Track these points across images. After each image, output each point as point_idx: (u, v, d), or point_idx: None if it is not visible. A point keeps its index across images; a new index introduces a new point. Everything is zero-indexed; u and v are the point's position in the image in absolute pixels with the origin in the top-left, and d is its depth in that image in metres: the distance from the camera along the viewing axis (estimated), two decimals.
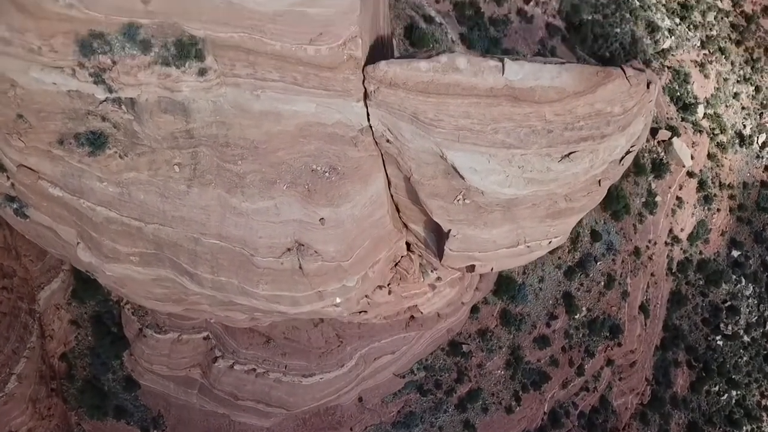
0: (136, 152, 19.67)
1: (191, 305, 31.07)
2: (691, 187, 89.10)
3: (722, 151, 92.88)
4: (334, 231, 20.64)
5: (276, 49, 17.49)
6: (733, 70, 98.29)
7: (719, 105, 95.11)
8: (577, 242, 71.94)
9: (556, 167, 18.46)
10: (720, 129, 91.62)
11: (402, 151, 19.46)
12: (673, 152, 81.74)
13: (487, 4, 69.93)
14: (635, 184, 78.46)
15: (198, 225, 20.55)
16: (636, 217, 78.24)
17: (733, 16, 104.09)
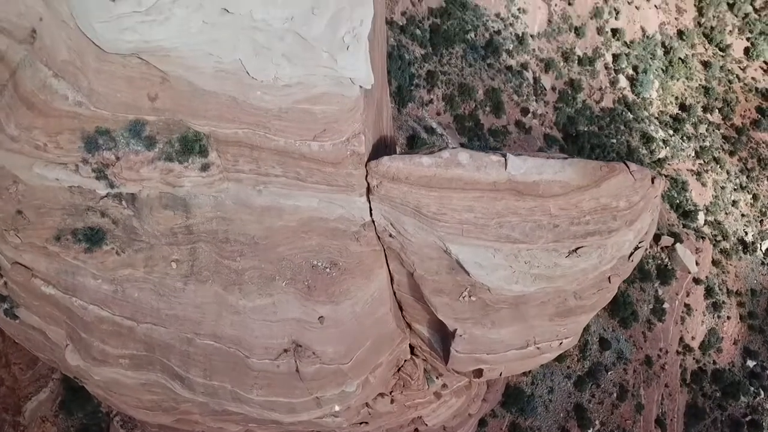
0: (134, 248, 19.30)
1: (182, 415, 29.40)
2: (699, 294, 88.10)
3: (726, 258, 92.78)
4: (333, 330, 19.82)
5: (280, 145, 17.62)
6: (729, 178, 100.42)
7: (719, 212, 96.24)
8: (586, 350, 69.98)
9: (564, 263, 17.98)
10: (722, 236, 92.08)
11: (405, 246, 19.07)
12: (678, 258, 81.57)
13: (486, 116, 72.54)
14: (641, 291, 77.61)
15: (192, 324, 19.77)
16: (645, 325, 76.67)
17: (724, 129, 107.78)
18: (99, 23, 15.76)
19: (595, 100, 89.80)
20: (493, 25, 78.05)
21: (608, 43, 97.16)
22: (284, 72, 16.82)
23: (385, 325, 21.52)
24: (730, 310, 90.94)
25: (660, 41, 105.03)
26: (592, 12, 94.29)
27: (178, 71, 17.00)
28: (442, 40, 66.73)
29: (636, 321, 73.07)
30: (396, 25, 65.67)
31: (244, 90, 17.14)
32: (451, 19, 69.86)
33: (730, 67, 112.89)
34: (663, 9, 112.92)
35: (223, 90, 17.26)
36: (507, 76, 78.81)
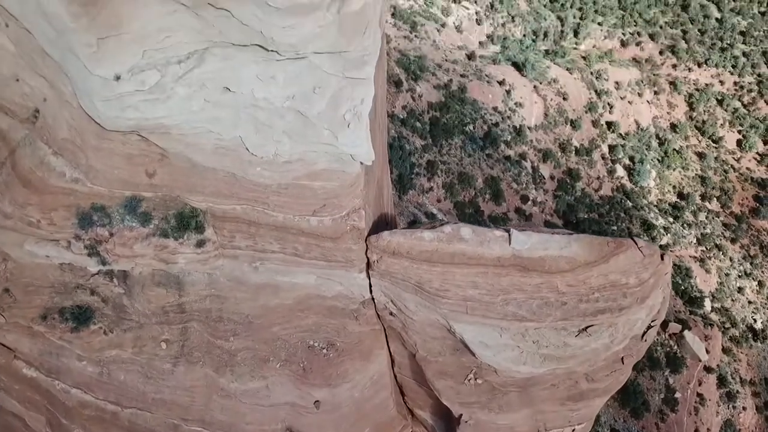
0: (122, 328, 18.37)
1: None
2: (711, 383, 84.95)
3: (737, 346, 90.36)
4: (330, 416, 18.45)
5: (278, 221, 17.13)
6: (733, 265, 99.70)
7: (725, 299, 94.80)
8: None
9: (574, 342, 16.92)
10: (731, 323, 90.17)
11: (406, 325, 18.08)
12: (687, 346, 79.27)
13: (486, 203, 72.87)
14: (651, 379, 74.78)
15: (180, 409, 18.46)
16: (657, 416, 73.26)
17: (724, 216, 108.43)
18: (101, 102, 15.71)
19: (593, 189, 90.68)
20: (491, 117, 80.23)
21: (604, 134, 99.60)
22: (284, 149, 16.59)
23: (385, 411, 20.08)
24: (745, 400, 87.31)
25: (654, 133, 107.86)
26: (586, 106, 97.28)
27: (178, 148, 16.78)
28: (442, 132, 68.39)
29: (648, 411, 69.74)
30: (397, 118, 67.38)
31: (243, 166, 16.85)
32: (450, 112, 71.97)
33: (724, 158, 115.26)
34: (655, 104, 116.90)
35: (222, 166, 16.97)
36: (506, 165, 79.98)
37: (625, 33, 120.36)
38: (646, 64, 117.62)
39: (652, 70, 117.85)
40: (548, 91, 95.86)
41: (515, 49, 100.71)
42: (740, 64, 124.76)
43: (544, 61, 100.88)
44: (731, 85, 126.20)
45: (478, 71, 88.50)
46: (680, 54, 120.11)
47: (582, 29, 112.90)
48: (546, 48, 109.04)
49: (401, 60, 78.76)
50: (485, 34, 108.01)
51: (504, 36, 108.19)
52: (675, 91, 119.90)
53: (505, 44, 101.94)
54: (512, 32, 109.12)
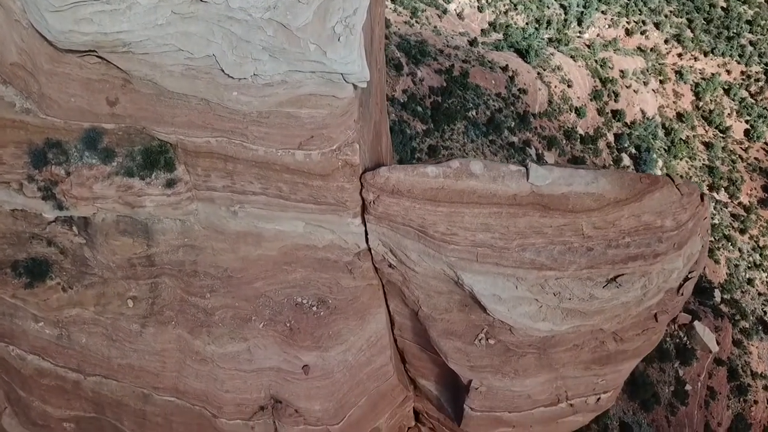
0: (83, 283, 16.17)
1: None
2: (722, 376, 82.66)
3: (747, 338, 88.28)
4: (320, 383, 16.18)
5: (259, 155, 14.85)
6: (742, 256, 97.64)
7: (735, 290, 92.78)
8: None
9: (601, 294, 14.61)
10: (740, 315, 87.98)
11: (407, 278, 15.78)
12: (697, 337, 76.86)
13: None
14: (661, 371, 72.46)
15: (150, 376, 16.23)
16: (667, 408, 70.93)
17: (732, 207, 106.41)
18: (52, 13, 13.48)
19: None
20: (494, 103, 78.29)
21: (609, 123, 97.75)
22: (265, 68, 14.29)
23: (384, 378, 17.77)
24: (757, 393, 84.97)
25: (660, 123, 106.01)
26: (591, 94, 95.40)
27: (143, 70, 14.54)
28: (444, 117, 66.49)
29: (658, 404, 67.52)
30: (397, 102, 65.40)
31: (218, 91, 14.60)
32: (452, 97, 70.10)
33: (732, 148, 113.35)
34: (660, 93, 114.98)
35: (193, 91, 14.72)
36: (509, 151, 77.83)
37: (629, 22, 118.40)
38: (651, 53, 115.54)
39: (658, 59, 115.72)
40: (552, 78, 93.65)
41: (518, 37, 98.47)
42: (747, 54, 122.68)
43: (548, 49, 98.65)
44: (738, 74, 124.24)
45: (481, 57, 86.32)
46: (686, 43, 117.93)
47: (586, 18, 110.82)
48: (549, 36, 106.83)
49: (401, 44, 76.57)
50: (487, 21, 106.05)
51: (506, 24, 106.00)
52: (681, 80, 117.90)
53: (508, 32, 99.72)
54: (515, 20, 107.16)
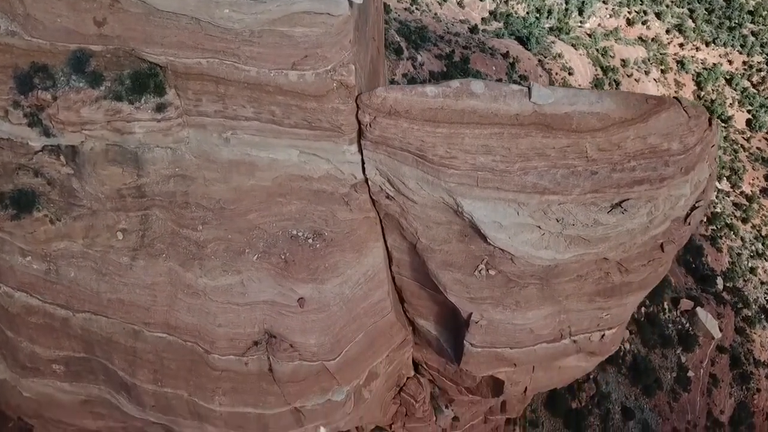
0: (72, 215, 15.67)
1: None
2: (724, 364, 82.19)
3: (750, 326, 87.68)
4: (316, 316, 15.67)
5: (251, 76, 14.37)
6: (745, 245, 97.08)
7: (737, 279, 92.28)
8: (608, 420, 63.63)
9: (606, 220, 14.09)
10: (743, 303, 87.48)
11: (406, 209, 15.28)
12: (699, 323, 76.33)
13: None
14: (663, 357, 71.99)
15: (140, 311, 15.73)
16: (669, 394, 70.48)
17: (734, 196, 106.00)
18: None
19: None
20: None
21: None
22: None
23: (381, 314, 17.26)
24: (759, 382, 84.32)
25: None
26: (592, 82, 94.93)
27: None
28: None
29: (660, 389, 67.00)
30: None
31: (209, 8, 14.15)
32: None
33: (734, 138, 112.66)
34: (662, 82, 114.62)
35: (183, 9, 14.26)
36: None
37: (630, 11, 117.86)
38: (652, 43, 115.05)
39: (659, 49, 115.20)
40: (553, 65, 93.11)
41: (518, 26, 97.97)
42: (749, 44, 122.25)
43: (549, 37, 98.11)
44: (740, 64, 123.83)
45: (481, 44, 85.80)
46: (687, 33, 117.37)
47: (587, 7, 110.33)
48: (550, 26, 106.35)
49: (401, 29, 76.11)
50: (488, 10, 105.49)
51: (507, 13, 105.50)
52: (682, 70, 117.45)
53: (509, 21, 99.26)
54: (515, 9, 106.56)
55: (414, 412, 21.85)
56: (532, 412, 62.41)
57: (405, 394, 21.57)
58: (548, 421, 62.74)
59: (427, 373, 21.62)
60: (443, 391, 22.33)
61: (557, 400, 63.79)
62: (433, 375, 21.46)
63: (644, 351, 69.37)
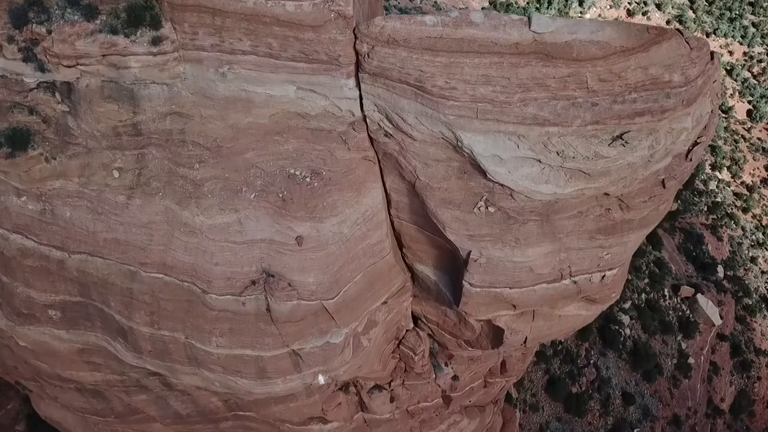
0: (67, 154, 15.56)
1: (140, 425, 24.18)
2: (725, 352, 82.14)
3: (750, 315, 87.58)
4: (314, 254, 15.53)
5: (248, 7, 14.29)
6: (745, 235, 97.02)
7: (738, 268, 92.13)
8: (609, 404, 63.48)
9: (607, 152, 13.98)
10: (743, 292, 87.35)
11: (404, 147, 15.18)
12: (700, 310, 76.23)
13: None
14: (663, 344, 71.93)
15: (136, 251, 15.60)
16: (670, 381, 70.39)
17: (735, 186, 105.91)
18: None
19: None
20: None
21: None
22: None
23: (380, 255, 17.16)
24: (760, 370, 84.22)
25: None
26: None
27: None
28: None
29: (660, 375, 66.90)
30: None
31: None
32: None
33: (734, 128, 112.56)
34: None
35: None
36: None
37: (631, 2, 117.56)
38: None
39: None
40: None
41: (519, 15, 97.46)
42: (749, 35, 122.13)
43: None
44: (740, 55, 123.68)
45: None
46: (688, 24, 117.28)
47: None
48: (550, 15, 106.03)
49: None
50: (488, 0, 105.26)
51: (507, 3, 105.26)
52: None
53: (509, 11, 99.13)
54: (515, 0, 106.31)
55: (413, 366, 21.71)
56: (532, 395, 62.31)
57: (404, 347, 21.43)
58: (548, 405, 62.63)
59: (426, 327, 21.47)
60: (442, 347, 22.16)
61: (557, 384, 63.74)
62: (432, 329, 21.30)
63: (644, 337, 69.26)
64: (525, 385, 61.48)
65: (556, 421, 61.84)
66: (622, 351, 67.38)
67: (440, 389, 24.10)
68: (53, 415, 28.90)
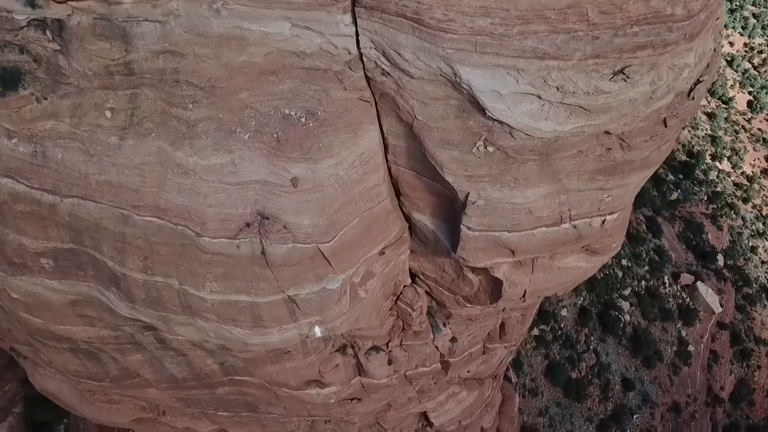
0: (59, 94, 15.32)
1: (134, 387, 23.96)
2: (724, 340, 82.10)
3: (750, 304, 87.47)
4: (310, 196, 15.30)
5: None
6: (745, 225, 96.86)
7: (738, 258, 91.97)
8: (608, 390, 63.58)
9: (608, 87, 13.76)
10: (743, 281, 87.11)
11: (402, 85, 14.95)
12: (700, 298, 76.07)
13: None
14: (663, 331, 71.81)
15: (129, 193, 15.38)
16: (670, 368, 70.38)
17: (735, 176, 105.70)
18: None
19: None
20: None
21: None
22: None
23: (377, 199, 16.91)
24: (760, 359, 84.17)
25: None
26: None
27: None
28: None
29: (660, 361, 66.88)
30: None
31: None
32: None
33: (735, 119, 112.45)
34: None
35: None
36: None
37: None
38: None
39: None
40: None
41: None
42: (750, 26, 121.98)
43: None
44: (741, 46, 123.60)
45: None
46: None
47: None
48: None
49: None
50: None
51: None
52: None
53: None
54: None
55: (411, 324, 21.45)
56: (531, 380, 62.21)
57: (402, 303, 21.17)
58: (548, 390, 62.55)
59: (424, 284, 21.23)
60: (441, 305, 21.92)
61: (557, 369, 63.63)
62: (429, 286, 21.06)
63: (644, 324, 69.15)
64: (524, 370, 61.38)
65: (556, 406, 61.76)
66: (622, 337, 67.28)
67: (439, 353, 23.87)
68: (49, 387, 28.69)
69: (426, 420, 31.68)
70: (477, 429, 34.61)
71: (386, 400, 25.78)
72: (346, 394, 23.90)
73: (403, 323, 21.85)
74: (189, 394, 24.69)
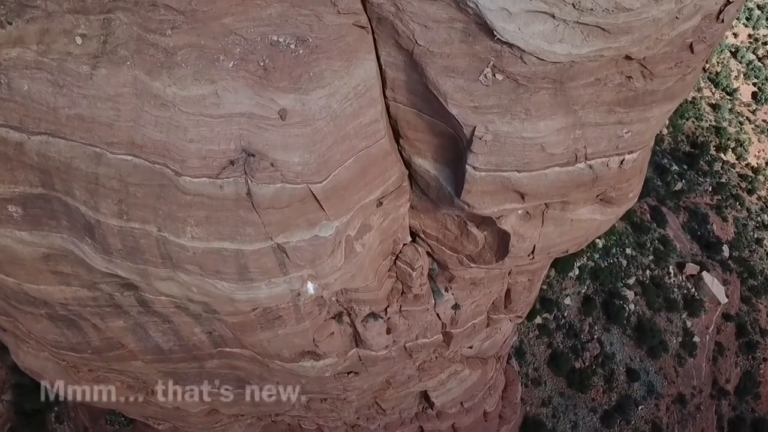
0: (25, 18, 13.89)
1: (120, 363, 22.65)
2: (730, 332, 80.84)
3: (756, 296, 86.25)
4: (299, 130, 13.87)
5: None
6: (751, 216, 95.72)
7: (743, 249, 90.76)
8: (612, 381, 62.23)
9: (630, 4, 12.39)
10: (749, 273, 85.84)
11: (401, 8, 13.60)
12: (705, 288, 74.63)
13: None
14: (668, 321, 70.44)
15: (102, 128, 14.00)
16: (675, 359, 68.97)
17: (740, 168, 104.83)
18: None
19: None
20: None
21: None
22: None
23: (374, 138, 15.45)
24: (766, 351, 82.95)
25: None
26: None
27: None
28: None
29: (666, 352, 65.53)
30: None
31: None
32: None
33: (739, 110, 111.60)
34: None
35: None
36: None
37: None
38: None
39: None
40: None
41: None
42: (754, 17, 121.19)
43: None
44: (745, 37, 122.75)
45: None
46: None
47: None
48: None
49: None
50: None
51: None
52: None
53: None
54: None
55: (411, 285, 20.00)
56: (534, 370, 60.83)
57: (401, 263, 19.73)
58: (551, 379, 61.22)
59: (425, 244, 19.80)
60: (443, 267, 20.47)
61: (561, 358, 62.31)
62: (431, 245, 19.62)
63: (649, 313, 67.77)
64: (527, 359, 59.97)
65: (559, 396, 60.37)
66: (627, 327, 65.86)
67: (440, 322, 22.44)
68: (33, 365, 27.35)
69: (427, 401, 30.34)
70: (479, 412, 33.20)
71: (385, 375, 24.38)
72: (343, 367, 22.49)
73: (402, 286, 20.41)
74: (176, 368, 23.28)
